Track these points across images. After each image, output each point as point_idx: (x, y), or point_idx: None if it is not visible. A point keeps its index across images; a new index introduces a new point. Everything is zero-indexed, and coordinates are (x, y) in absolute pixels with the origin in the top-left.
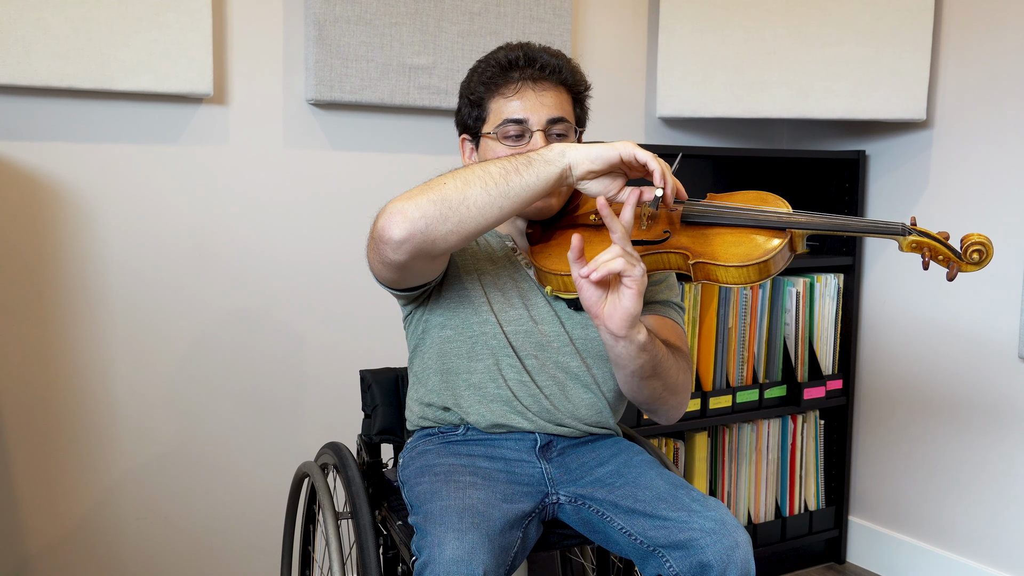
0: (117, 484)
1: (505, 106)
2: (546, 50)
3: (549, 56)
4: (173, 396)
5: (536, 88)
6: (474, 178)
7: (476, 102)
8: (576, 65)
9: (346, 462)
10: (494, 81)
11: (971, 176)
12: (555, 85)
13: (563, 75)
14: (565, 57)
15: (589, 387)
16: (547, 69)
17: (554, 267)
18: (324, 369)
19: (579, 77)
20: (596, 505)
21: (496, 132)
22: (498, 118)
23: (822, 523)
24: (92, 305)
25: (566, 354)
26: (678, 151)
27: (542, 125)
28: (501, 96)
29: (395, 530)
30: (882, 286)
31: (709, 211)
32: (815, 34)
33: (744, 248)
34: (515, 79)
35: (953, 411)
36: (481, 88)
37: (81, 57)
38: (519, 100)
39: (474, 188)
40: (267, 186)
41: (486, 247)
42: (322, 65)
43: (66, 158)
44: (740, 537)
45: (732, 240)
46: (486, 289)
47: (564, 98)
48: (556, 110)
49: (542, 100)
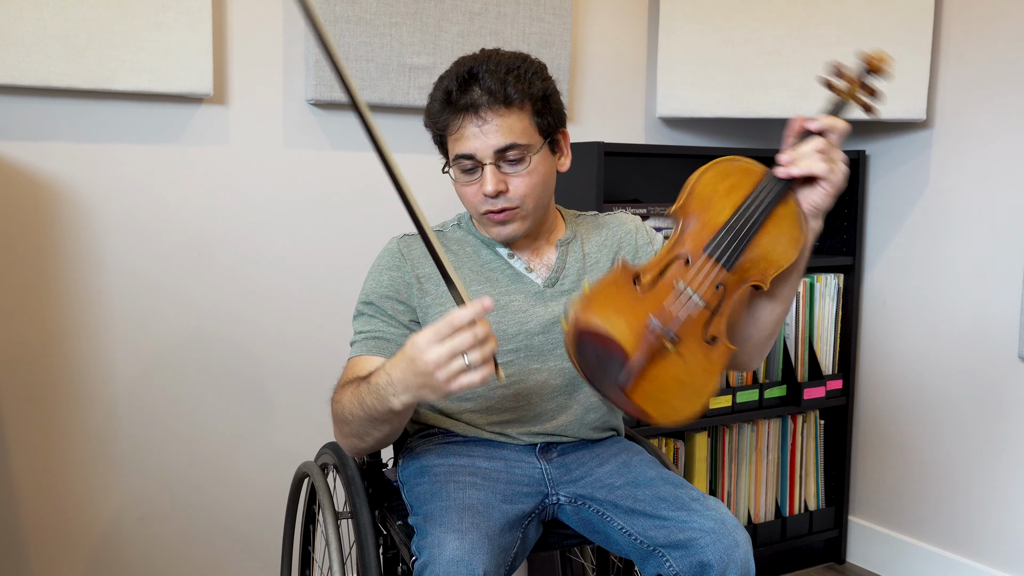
0: (117, 484)
1: (454, 143)
2: (493, 65)
3: (492, 77)
4: (173, 396)
5: (478, 120)
6: (355, 420)
7: (437, 135)
8: (530, 71)
9: (346, 462)
10: (440, 119)
11: (971, 176)
12: (499, 109)
13: (506, 96)
14: (517, 65)
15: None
16: (486, 96)
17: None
18: (324, 368)
19: (532, 88)
20: (596, 505)
21: (453, 167)
22: (452, 154)
23: (822, 523)
24: (92, 305)
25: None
26: (678, 151)
27: (491, 158)
28: (450, 134)
29: (395, 530)
30: (882, 286)
31: (729, 239)
32: (815, 34)
33: (786, 236)
34: (458, 111)
35: (953, 411)
36: (433, 126)
37: (81, 57)
38: (463, 136)
39: (360, 426)
40: (267, 186)
41: (476, 259)
42: (322, 65)
43: (66, 158)
44: (740, 537)
45: (770, 239)
46: (487, 316)
47: (516, 118)
48: (503, 138)
49: (485, 131)
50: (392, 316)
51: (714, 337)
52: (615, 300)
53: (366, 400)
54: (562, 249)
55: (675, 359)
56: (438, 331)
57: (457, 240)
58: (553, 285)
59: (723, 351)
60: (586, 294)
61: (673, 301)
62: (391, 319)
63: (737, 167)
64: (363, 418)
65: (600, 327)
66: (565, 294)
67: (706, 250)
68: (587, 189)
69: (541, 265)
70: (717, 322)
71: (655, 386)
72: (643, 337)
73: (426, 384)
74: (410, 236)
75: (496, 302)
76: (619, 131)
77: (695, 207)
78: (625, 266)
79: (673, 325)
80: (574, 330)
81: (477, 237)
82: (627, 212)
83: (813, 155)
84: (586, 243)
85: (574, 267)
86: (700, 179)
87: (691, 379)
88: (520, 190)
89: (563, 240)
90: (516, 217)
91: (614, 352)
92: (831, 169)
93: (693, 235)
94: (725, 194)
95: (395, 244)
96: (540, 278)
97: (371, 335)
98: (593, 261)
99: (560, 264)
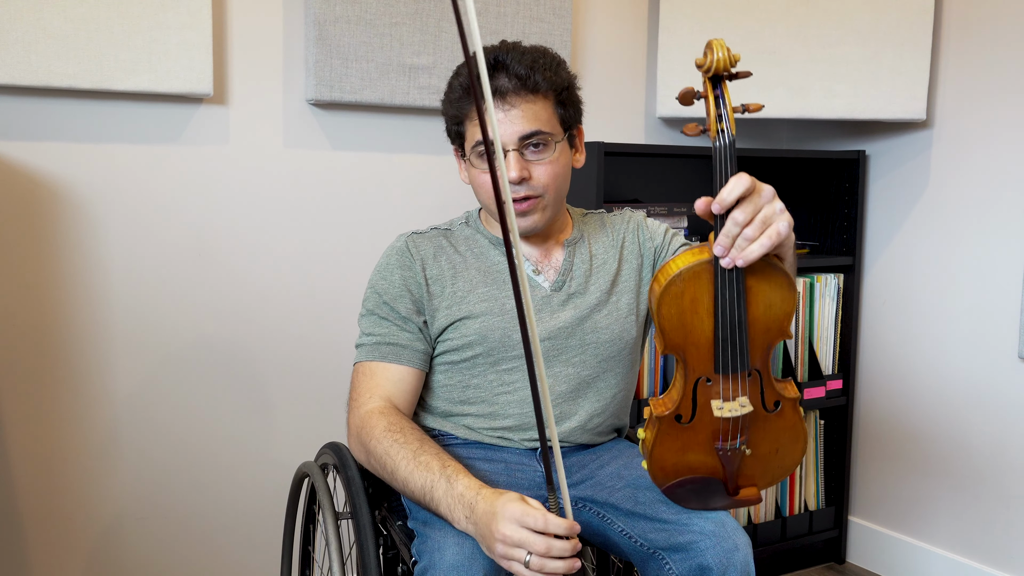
0: (117, 483)
1: (476, 129)
2: (518, 54)
3: (518, 64)
4: (172, 396)
5: (503, 106)
6: (405, 487)
7: (454, 121)
8: (554, 62)
9: (346, 462)
10: (462, 104)
11: (971, 176)
12: (526, 95)
13: (533, 83)
14: (541, 55)
15: (601, 393)
16: (514, 80)
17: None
18: (325, 369)
19: (557, 78)
20: (596, 507)
21: (472, 154)
22: (472, 140)
23: (822, 523)
24: (92, 305)
25: (576, 364)
26: (678, 151)
27: (515, 144)
28: (471, 120)
29: (395, 530)
30: (882, 286)
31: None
32: (815, 34)
33: (776, 292)
34: None
35: (953, 411)
36: (454, 110)
37: (81, 57)
38: None
39: (402, 486)
40: (267, 186)
41: (483, 259)
42: (322, 65)
43: (66, 158)
44: (740, 540)
45: (764, 308)
46: (490, 319)
47: (540, 106)
48: (528, 125)
49: (511, 118)
50: (406, 318)
51: (776, 402)
52: (677, 446)
53: (435, 492)
54: (569, 249)
55: (756, 450)
56: (529, 517)
57: (465, 239)
58: (560, 289)
59: (791, 404)
60: (648, 450)
61: (721, 421)
62: (406, 321)
63: (683, 280)
64: (398, 486)
65: (681, 474)
66: (572, 298)
67: (716, 371)
68: (587, 189)
69: (549, 267)
70: (769, 392)
71: (756, 472)
72: (720, 459)
73: (485, 544)
74: (418, 235)
75: (502, 307)
76: (619, 131)
77: (677, 339)
78: (660, 416)
79: (736, 438)
80: (662, 488)
81: (486, 236)
82: (630, 210)
83: (744, 237)
84: (593, 244)
85: (581, 268)
86: (660, 314)
87: (780, 444)
88: (543, 178)
89: (570, 240)
90: (537, 207)
91: (705, 482)
92: (771, 237)
93: (696, 359)
94: (692, 311)
95: (403, 242)
96: (547, 281)
97: (384, 340)
98: (600, 263)
99: (567, 266)
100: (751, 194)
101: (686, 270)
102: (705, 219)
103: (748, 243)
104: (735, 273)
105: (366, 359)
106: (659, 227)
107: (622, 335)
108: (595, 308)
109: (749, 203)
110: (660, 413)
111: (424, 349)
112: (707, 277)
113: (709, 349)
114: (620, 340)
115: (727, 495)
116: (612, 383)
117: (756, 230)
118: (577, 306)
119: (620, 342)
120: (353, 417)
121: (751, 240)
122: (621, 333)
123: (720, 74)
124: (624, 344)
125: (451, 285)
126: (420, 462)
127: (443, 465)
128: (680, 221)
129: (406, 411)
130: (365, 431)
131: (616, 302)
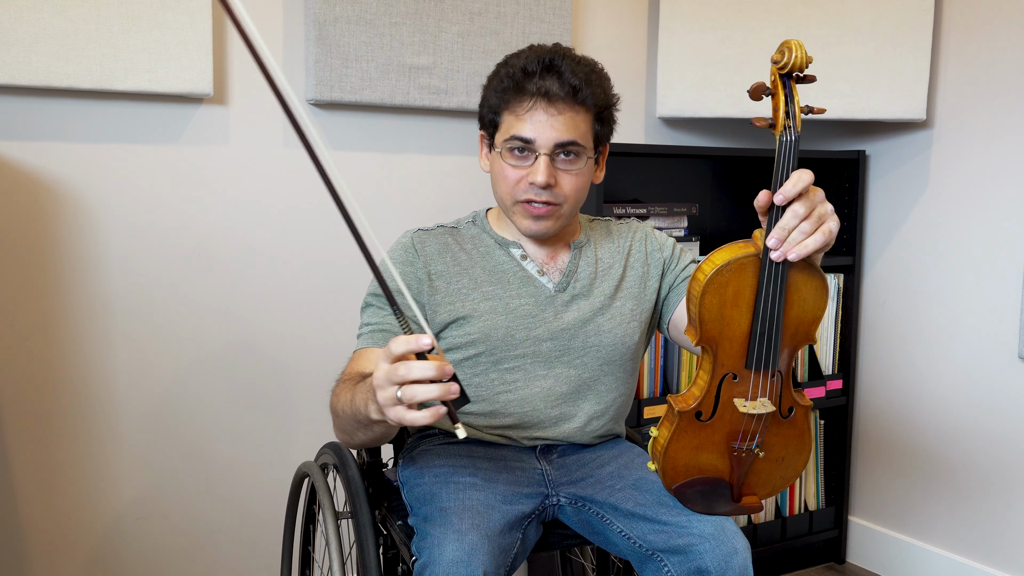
0: (117, 484)
1: (515, 123)
2: (573, 62)
3: (572, 73)
4: (173, 396)
5: (549, 109)
6: (344, 417)
7: (493, 109)
8: (604, 79)
9: (346, 462)
10: (507, 95)
11: (971, 176)
12: (573, 106)
13: (583, 96)
14: (594, 70)
15: (601, 396)
16: (566, 88)
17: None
18: (324, 368)
19: (604, 95)
20: (596, 507)
21: (503, 147)
22: (507, 132)
23: (822, 523)
24: (92, 305)
25: (577, 366)
26: (678, 151)
27: (549, 149)
28: (512, 113)
29: (395, 530)
30: (882, 286)
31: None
32: (815, 34)
33: (811, 294)
34: (530, 94)
35: (953, 411)
36: (496, 98)
37: (81, 57)
38: (529, 119)
39: (348, 423)
40: (267, 186)
41: (488, 259)
42: (322, 65)
43: (66, 158)
44: (739, 544)
45: (799, 309)
46: (493, 317)
47: (582, 119)
48: (567, 134)
49: (553, 123)
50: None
51: (791, 408)
52: (692, 443)
53: (356, 399)
54: (575, 252)
55: (768, 454)
56: (383, 351)
57: (472, 237)
58: (564, 290)
59: (803, 412)
60: (662, 448)
61: (742, 419)
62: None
63: (729, 271)
64: (350, 417)
65: (691, 474)
66: (576, 299)
67: (748, 366)
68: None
69: (554, 268)
70: (786, 396)
71: (759, 480)
72: (733, 461)
73: (375, 401)
74: (424, 232)
75: (506, 306)
76: (619, 131)
77: (713, 331)
78: (681, 411)
79: (753, 439)
80: (671, 488)
81: (491, 236)
82: (637, 221)
83: (800, 230)
84: (599, 248)
85: (586, 271)
86: (701, 303)
87: (786, 453)
88: (567, 188)
89: (577, 243)
90: (555, 214)
91: (714, 484)
92: (824, 234)
93: (727, 354)
94: (733, 303)
95: (409, 239)
96: (551, 282)
97: (378, 327)
98: (606, 267)
99: (572, 268)
100: (808, 191)
101: (733, 261)
102: (760, 212)
103: (804, 236)
104: (781, 269)
105: (361, 346)
106: (667, 240)
107: (624, 339)
108: (599, 311)
109: (807, 199)
110: (682, 408)
111: None
112: (752, 271)
113: (743, 344)
114: (622, 344)
115: (731, 500)
116: (612, 387)
117: (812, 225)
118: (581, 308)
119: (622, 346)
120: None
121: (807, 234)
122: (623, 337)
123: (792, 72)
124: (626, 348)
125: (456, 282)
126: (356, 388)
127: (363, 378)
128: (680, 221)
129: None
130: (330, 405)
131: (620, 307)
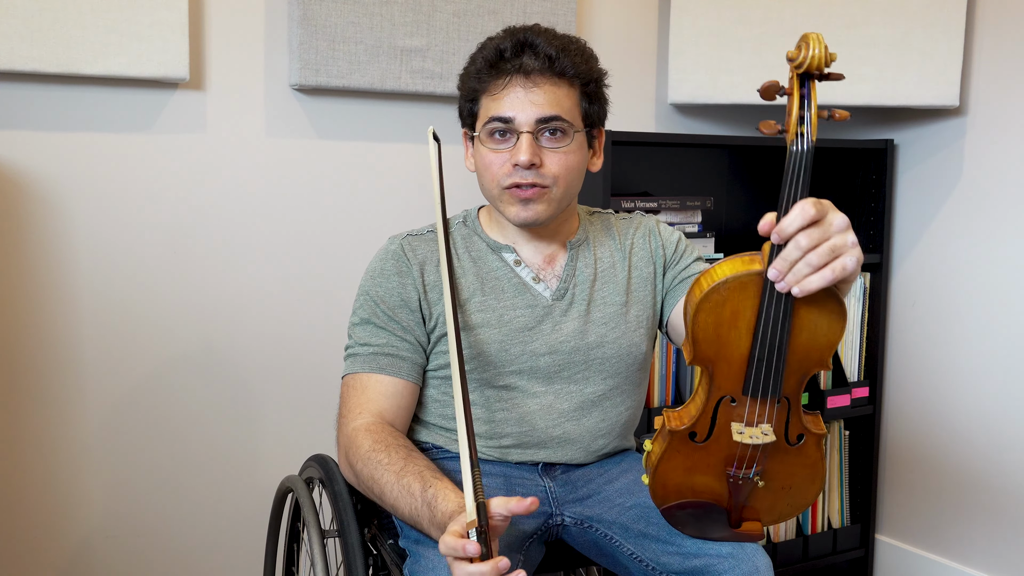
0: (85, 498)
1: (492, 104)
2: (548, 36)
3: (547, 44)
4: (146, 402)
5: (527, 83)
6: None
7: (470, 96)
8: (586, 52)
9: (333, 476)
10: (482, 77)
11: (1007, 166)
12: (552, 78)
13: (560, 66)
14: (573, 43)
15: (606, 412)
16: (541, 59)
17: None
18: (310, 373)
19: (586, 67)
20: (604, 528)
21: (483, 132)
22: (486, 116)
23: (847, 542)
24: (61, 304)
25: (579, 381)
26: (691, 140)
27: (531, 126)
28: (489, 95)
29: (385, 550)
30: (912, 285)
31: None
32: (839, 14)
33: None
34: (505, 72)
35: (989, 422)
36: (472, 82)
37: (47, 39)
38: (507, 97)
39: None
40: (248, 177)
41: (481, 265)
42: (307, 47)
43: (31, 147)
44: (760, 562)
45: (808, 335)
46: (486, 331)
47: (564, 93)
48: (549, 108)
49: (532, 98)
50: (407, 329)
51: (800, 435)
52: (685, 464)
53: (405, 506)
54: (572, 253)
55: (769, 484)
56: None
57: (463, 240)
58: (562, 298)
59: (815, 441)
60: (653, 465)
61: (739, 446)
62: (407, 331)
63: (728, 289)
64: (389, 506)
65: (683, 496)
66: (574, 307)
67: (745, 392)
68: (594, 181)
69: (550, 274)
70: (794, 423)
71: (764, 505)
72: (728, 487)
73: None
74: (413, 236)
75: (500, 318)
76: (628, 119)
77: (709, 351)
78: (673, 430)
79: (751, 467)
80: (660, 508)
81: (484, 239)
82: (643, 214)
83: (806, 263)
84: (598, 247)
85: (585, 274)
86: (695, 321)
87: (794, 482)
88: (554, 168)
89: (574, 242)
90: (543, 198)
91: (708, 509)
92: (836, 271)
93: (724, 376)
94: (731, 324)
95: (398, 245)
96: (548, 290)
97: (382, 351)
98: (606, 267)
99: (570, 271)
100: (820, 220)
101: (733, 279)
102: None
103: (810, 271)
104: (786, 295)
105: (360, 370)
106: (672, 235)
107: (631, 349)
108: (601, 321)
109: (817, 229)
110: (674, 427)
111: (422, 363)
112: (754, 290)
113: (741, 368)
114: (628, 355)
115: (728, 526)
116: (619, 402)
117: (821, 259)
118: (581, 317)
119: (628, 357)
120: (341, 435)
121: (814, 269)
122: (629, 347)
123: (811, 72)
124: (633, 360)
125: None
126: (403, 486)
127: (424, 488)
128: (693, 216)
129: (400, 427)
130: (352, 451)
131: (624, 314)
